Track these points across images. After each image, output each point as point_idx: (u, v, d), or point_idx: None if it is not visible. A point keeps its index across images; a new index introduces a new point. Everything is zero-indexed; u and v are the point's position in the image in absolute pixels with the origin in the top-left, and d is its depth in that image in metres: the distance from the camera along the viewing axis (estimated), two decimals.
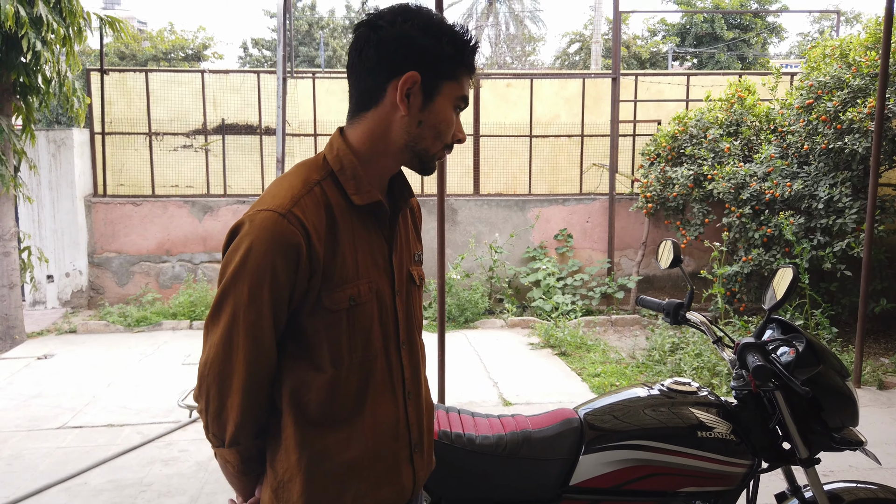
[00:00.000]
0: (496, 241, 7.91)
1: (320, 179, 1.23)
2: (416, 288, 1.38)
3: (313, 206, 1.18)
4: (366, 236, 1.26)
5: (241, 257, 1.15)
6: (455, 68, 1.24)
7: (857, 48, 6.21)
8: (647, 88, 8.78)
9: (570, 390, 5.10)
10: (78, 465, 3.75)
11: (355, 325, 1.22)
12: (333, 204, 1.21)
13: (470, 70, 1.27)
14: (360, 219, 1.25)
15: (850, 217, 5.74)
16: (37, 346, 6.31)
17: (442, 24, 1.23)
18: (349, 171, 1.24)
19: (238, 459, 1.27)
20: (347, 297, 1.21)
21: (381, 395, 1.27)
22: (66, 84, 6.03)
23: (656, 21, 20.66)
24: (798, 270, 2.00)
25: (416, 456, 1.34)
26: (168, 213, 7.86)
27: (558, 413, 1.98)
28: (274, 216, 1.14)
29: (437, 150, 1.28)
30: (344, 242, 1.21)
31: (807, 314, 5.88)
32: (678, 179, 7.19)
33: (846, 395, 1.95)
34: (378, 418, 1.27)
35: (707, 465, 1.89)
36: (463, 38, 1.24)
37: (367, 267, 1.25)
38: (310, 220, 1.16)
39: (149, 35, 20.76)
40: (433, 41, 1.21)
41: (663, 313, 2.28)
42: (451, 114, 1.26)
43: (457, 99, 1.26)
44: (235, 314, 1.17)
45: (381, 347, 1.27)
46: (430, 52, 1.20)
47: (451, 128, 1.27)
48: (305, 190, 1.19)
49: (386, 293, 1.28)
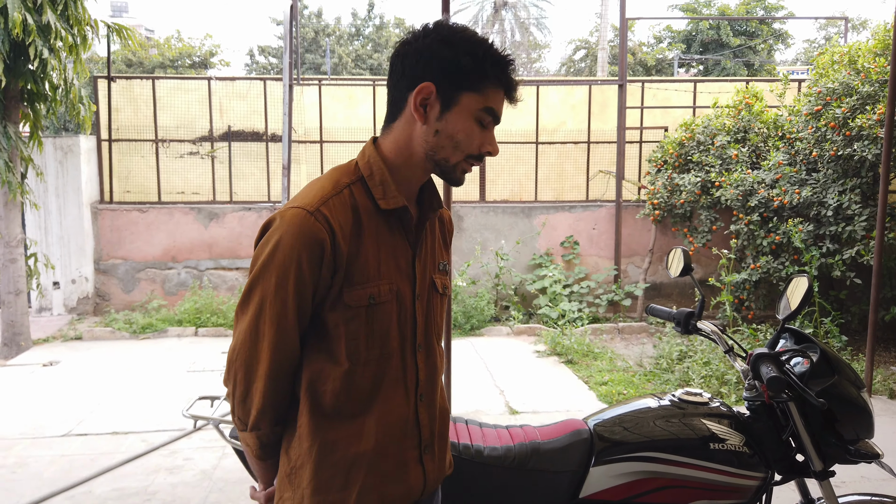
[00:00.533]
0: (502, 247, 7.88)
1: (350, 183, 1.30)
2: (439, 296, 1.42)
3: (340, 207, 1.25)
4: (390, 240, 1.31)
5: (271, 250, 1.22)
6: (476, 80, 1.27)
7: (866, 54, 6.18)
8: (654, 95, 8.76)
9: (577, 399, 5.06)
10: (82, 473, 3.73)
11: (373, 323, 1.28)
12: (360, 206, 1.28)
13: (500, 84, 1.29)
14: (386, 222, 1.31)
15: (860, 224, 5.69)
16: (42, 352, 6.31)
17: (464, 37, 1.27)
18: (378, 177, 1.31)
19: (257, 444, 1.33)
20: (367, 296, 1.27)
21: (393, 393, 1.32)
22: (72, 91, 6.05)
23: (662, 28, 20.66)
24: (812, 280, 1.97)
25: (427, 457, 1.38)
26: (174, 220, 7.86)
27: (567, 424, 1.95)
28: (302, 213, 1.22)
29: (458, 160, 1.30)
30: (368, 243, 1.27)
31: (816, 322, 5.83)
32: (685, 186, 7.15)
33: (861, 407, 1.91)
34: (387, 416, 1.31)
35: (719, 477, 1.86)
36: (483, 50, 1.27)
37: (389, 269, 1.30)
38: (336, 219, 1.23)
39: (156, 42, 20.89)
40: (451, 53, 1.25)
41: (674, 322, 2.25)
42: (470, 124, 1.28)
43: (479, 111, 1.28)
44: (262, 304, 1.24)
45: (397, 348, 1.32)
46: (447, 64, 1.25)
47: (471, 139, 1.29)
48: (335, 191, 1.27)
49: (406, 296, 1.33)
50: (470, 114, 1.28)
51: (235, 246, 7.91)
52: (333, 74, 21.42)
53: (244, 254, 7.90)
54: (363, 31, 25.52)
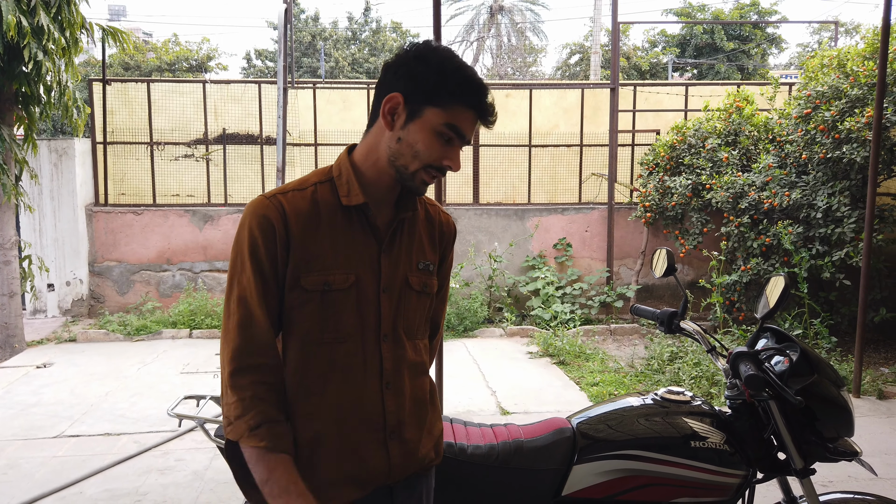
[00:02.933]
0: (495, 250, 7.92)
1: (318, 182, 1.43)
2: (415, 293, 1.48)
3: (299, 198, 1.38)
4: (349, 233, 1.41)
5: (237, 232, 1.39)
6: (442, 97, 1.34)
7: (855, 58, 6.23)
8: (646, 99, 8.81)
9: (569, 399, 5.08)
10: (74, 474, 3.74)
11: (328, 308, 1.38)
12: (321, 201, 1.40)
13: (467, 105, 1.36)
14: (348, 218, 1.41)
15: (849, 226, 5.74)
16: (36, 354, 6.31)
17: (440, 56, 1.35)
18: (345, 178, 1.42)
19: None
20: (322, 282, 1.37)
21: (350, 378, 1.40)
22: (66, 94, 6.07)
23: (656, 32, 20.75)
24: (789, 279, 2.00)
25: (393, 443, 1.44)
26: (169, 222, 7.88)
27: (551, 422, 1.97)
28: (261, 199, 1.38)
29: (416, 168, 1.37)
30: (325, 234, 1.38)
31: (806, 323, 5.87)
32: (677, 189, 7.19)
33: (841, 406, 1.94)
34: (343, 398, 1.40)
35: (701, 475, 1.88)
36: (453, 69, 1.34)
37: (350, 260, 1.40)
38: (291, 207, 1.36)
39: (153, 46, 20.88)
40: (423, 68, 1.34)
41: (657, 322, 2.28)
42: (431, 137, 1.35)
43: (442, 126, 1.35)
44: (232, 281, 1.37)
45: (353, 334, 1.40)
46: (418, 77, 1.34)
47: (430, 150, 1.36)
48: (299, 187, 1.41)
49: (369, 287, 1.41)
50: (432, 127, 1.35)
51: (230, 248, 7.87)
52: (330, 78, 21.44)
53: None
54: (360, 35, 25.56)
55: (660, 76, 19.60)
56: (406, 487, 1.50)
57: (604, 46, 19.87)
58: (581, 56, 23.76)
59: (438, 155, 1.37)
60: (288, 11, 8.03)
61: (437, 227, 1.57)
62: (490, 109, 1.39)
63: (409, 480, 1.50)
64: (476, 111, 1.37)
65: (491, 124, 1.41)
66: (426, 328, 1.57)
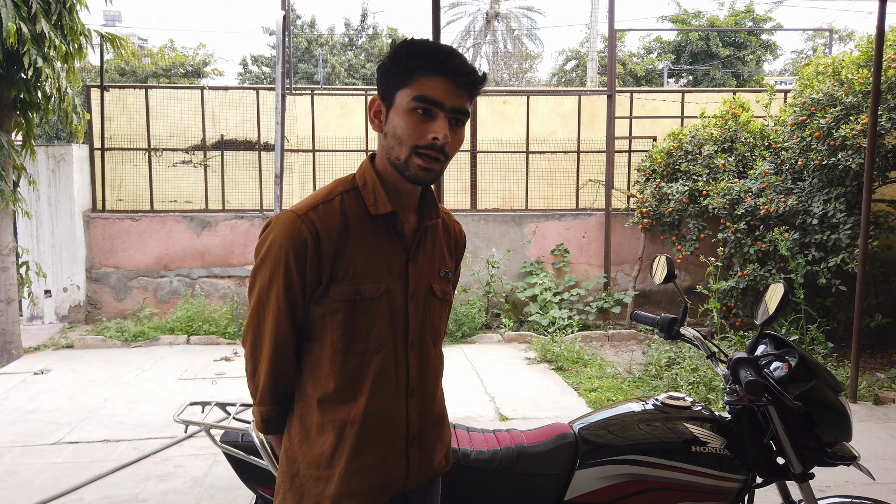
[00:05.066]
0: (493, 255, 7.94)
1: (344, 191, 1.43)
2: (438, 300, 1.51)
3: (329, 212, 1.38)
4: (378, 242, 1.42)
5: (267, 247, 1.38)
6: (404, 76, 1.34)
7: (850, 66, 6.29)
8: (643, 105, 8.86)
9: (567, 405, 5.10)
10: (73, 480, 3.74)
11: (358, 318, 1.39)
12: (350, 212, 1.40)
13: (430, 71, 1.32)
14: (376, 227, 1.42)
15: (845, 232, 5.78)
16: (33, 361, 6.30)
17: (398, 45, 1.36)
18: (370, 186, 1.42)
19: (260, 418, 1.48)
20: (354, 292, 1.38)
21: (383, 386, 1.42)
22: (66, 100, 6.07)
23: (652, 39, 20.85)
24: (788, 286, 2.02)
25: (413, 451, 1.47)
26: (166, 229, 7.88)
27: (553, 428, 1.99)
28: (292, 216, 1.37)
29: (406, 154, 1.35)
30: (355, 244, 1.39)
31: (802, 329, 5.90)
32: (673, 195, 7.23)
33: (839, 411, 1.96)
34: (375, 406, 1.41)
35: (701, 480, 1.90)
36: (408, 47, 1.35)
37: (379, 269, 1.41)
38: (322, 223, 1.36)
39: (149, 52, 20.89)
40: (385, 61, 1.37)
41: (657, 328, 2.30)
42: (408, 118, 1.34)
43: (412, 102, 1.33)
44: (260, 294, 1.40)
45: (387, 343, 1.42)
46: (384, 70, 1.37)
47: (409, 130, 1.34)
48: (327, 198, 1.41)
49: (398, 296, 1.43)
50: (405, 108, 1.34)
51: (228, 254, 7.92)
52: (327, 84, 21.48)
53: (236, 262, 7.92)
54: (356, 41, 25.62)
55: (655, 82, 19.69)
56: (419, 494, 1.52)
57: (600, 53, 19.97)
58: (577, 62, 23.86)
59: (420, 131, 1.34)
60: (286, 19, 8.06)
61: (453, 236, 1.61)
62: (459, 68, 1.33)
63: (422, 487, 1.53)
64: (443, 74, 1.33)
65: (464, 84, 1.35)
66: (444, 335, 1.60)
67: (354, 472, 1.40)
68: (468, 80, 1.35)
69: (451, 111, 1.34)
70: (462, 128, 1.40)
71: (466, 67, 1.35)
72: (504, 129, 8.62)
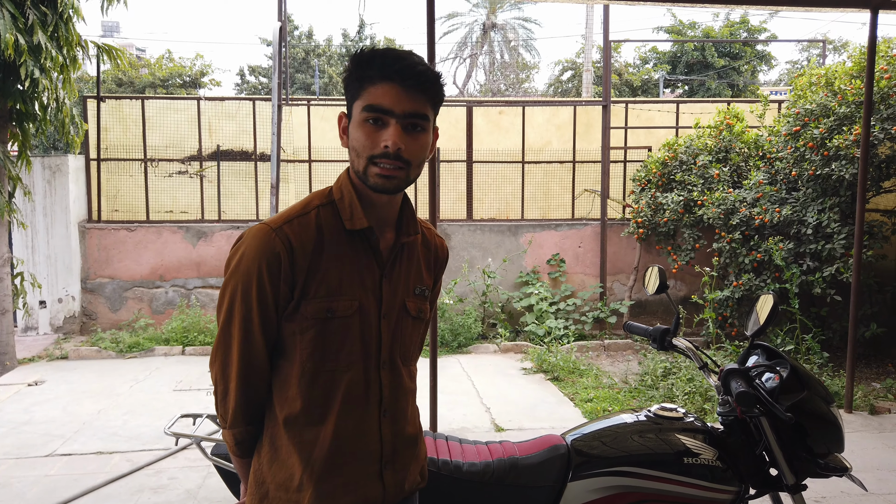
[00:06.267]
0: (489, 265, 7.94)
1: (320, 205, 1.39)
2: (410, 319, 1.46)
3: (304, 226, 1.34)
4: (354, 258, 1.38)
5: (237, 260, 1.34)
6: (356, 87, 1.32)
7: (843, 77, 6.33)
8: (638, 115, 8.90)
9: (563, 416, 5.08)
10: (65, 493, 3.71)
11: (329, 336, 1.34)
12: (325, 227, 1.36)
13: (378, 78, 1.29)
14: (352, 242, 1.38)
15: (839, 242, 5.80)
16: (28, 372, 6.27)
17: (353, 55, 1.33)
18: (347, 200, 1.38)
19: (233, 441, 1.42)
20: (325, 309, 1.34)
21: (353, 406, 1.37)
22: (63, 111, 6.08)
23: (648, 49, 20.96)
24: (778, 297, 2.03)
25: (387, 472, 1.42)
26: (162, 239, 7.87)
27: (545, 439, 1.99)
28: (265, 228, 1.33)
29: (363, 166, 1.32)
30: (329, 260, 1.35)
31: (798, 339, 5.91)
32: (669, 205, 7.25)
33: (831, 422, 1.96)
34: (345, 427, 1.36)
35: (694, 491, 1.90)
36: (357, 58, 1.32)
37: (353, 286, 1.36)
38: (297, 237, 1.32)
39: (147, 62, 20.93)
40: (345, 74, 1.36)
41: (650, 339, 2.30)
42: (360, 129, 1.32)
43: (363, 113, 1.31)
44: (231, 310, 1.34)
45: (357, 362, 1.37)
46: (345, 85, 1.36)
47: (362, 141, 1.31)
48: (303, 212, 1.37)
49: (371, 313, 1.38)
50: (359, 120, 1.32)
51: (223, 265, 7.89)
52: (324, 94, 21.54)
53: None
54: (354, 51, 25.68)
55: (651, 92, 19.79)
56: None
57: (595, 63, 20.07)
58: (573, 73, 23.98)
59: (372, 141, 1.30)
60: (283, 29, 8.09)
61: (433, 252, 1.56)
62: (406, 71, 1.28)
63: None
64: (391, 80, 1.29)
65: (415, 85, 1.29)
66: (419, 354, 1.54)
67: (325, 494, 1.35)
68: (417, 81, 1.29)
69: (403, 116, 1.30)
70: (424, 133, 1.34)
71: (415, 69, 1.29)
72: (500, 139, 8.65)
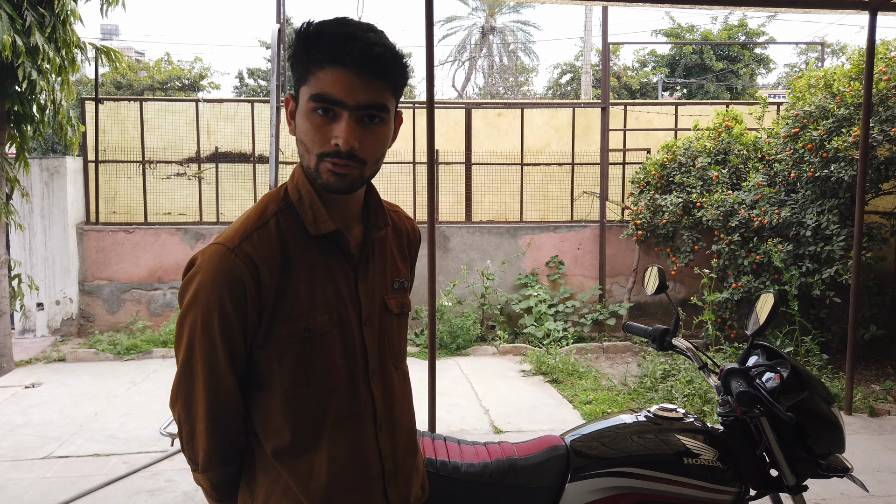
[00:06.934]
0: (488, 268, 7.93)
1: (277, 211, 1.22)
2: (394, 317, 1.33)
3: (266, 240, 1.18)
4: (325, 266, 1.22)
5: (194, 289, 1.16)
6: (303, 71, 1.14)
7: (841, 79, 6.33)
8: (636, 118, 8.90)
9: (562, 417, 5.07)
10: (62, 495, 3.69)
11: (312, 356, 1.20)
12: (288, 236, 1.20)
13: (327, 62, 1.10)
14: (319, 248, 1.22)
15: (838, 244, 5.79)
16: (25, 374, 6.24)
17: (297, 30, 1.15)
18: (307, 202, 1.21)
19: (209, 485, 1.28)
20: (302, 329, 1.19)
21: (344, 427, 1.23)
22: (61, 113, 6.07)
23: (646, 52, 20.99)
24: (779, 296, 2.02)
25: (391, 489, 1.29)
26: (160, 241, 7.85)
27: (544, 440, 1.97)
28: (223, 250, 1.15)
29: (314, 163, 1.15)
30: (298, 274, 1.19)
31: (797, 341, 5.89)
32: (668, 207, 7.25)
33: (832, 422, 1.95)
34: (339, 451, 1.22)
35: (694, 492, 1.89)
36: (304, 34, 1.13)
37: (327, 297, 1.22)
38: (260, 255, 1.16)
39: (146, 65, 20.94)
40: (290, 52, 1.18)
41: (649, 339, 2.29)
42: (308, 121, 1.14)
43: (310, 102, 1.13)
44: (192, 344, 1.17)
45: (344, 377, 1.23)
46: (291, 65, 1.18)
47: (312, 135, 1.14)
48: (260, 223, 1.19)
49: (352, 323, 1.24)
50: (305, 110, 1.14)
51: None
52: None
53: None
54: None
55: (650, 95, 19.81)
56: None
57: (594, 66, 20.10)
58: (572, 75, 24.00)
59: (321, 136, 1.13)
60: (281, 31, 8.09)
61: (405, 237, 1.41)
62: (360, 55, 1.09)
63: None
64: (342, 65, 1.10)
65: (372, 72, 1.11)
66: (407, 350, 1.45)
67: None
68: (374, 67, 1.11)
69: (357, 108, 1.12)
70: (382, 126, 1.16)
71: (371, 52, 1.10)
72: (499, 141, 8.64)
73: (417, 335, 7.51)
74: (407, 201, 8.32)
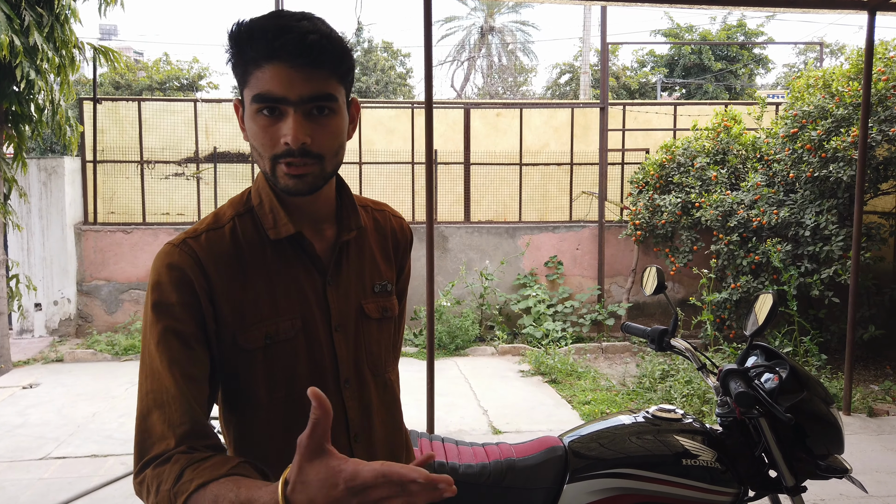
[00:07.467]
0: (487, 268, 7.92)
1: (236, 215, 1.19)
2: (373, 322, 1.27)
3: (216, 242, 1.14)
4: (286, 271, 1.18)
5: (148, 289, 1.14)
6: (242, 73, 1.10)
7: (840, 79, 6.33)
8: (635, 118, 8.90)
9: (561, 418, 5.06)
10: (59, 496, 3.68)
11: (275, 364, 1.15)
12: (246, 240, 1.17)
13: (263, 58, 1.05)
14: (281, 252, 1.18)
15: (837, 244, 5.79)
16: (22, 375, 6.23)
17: (229, 30, 1.11)
18: (267, 205, 1.18)
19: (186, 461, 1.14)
20: (263, 335, 1.14)
21: None
22: (59, 113, 6.06)
23: (645, 52, 21.00)
24: (778, 297, 2.01)
25: None
26: (158, 241, 7.84)
27: (543, 441, 1.97)
28: (168, 247, 1.13)
29: (268, 166, 1.11)
30: (256, 279, 1.15)
31: (796, 341, 5.89)
32: (666, 207, 7.25)
33: (831, 423, 1.94)
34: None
35: (692, 493, 1.88)
36: (232, 34, 1.08)
37: (291, 303, 1.17)
38: (206, 252, 1.13)
39: (144, 65, 20.92)
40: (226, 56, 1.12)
41: (648, 340, 2.28)
42: (254, 123, 1.09)
43: (252, 102, 1.08)
44: (147, 344, 1.12)
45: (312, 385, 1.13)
46: (230, 68, 1.12)
47: (261, 138, 1.09)
48: (214, 226, 1.17)
49: (320, 329, 1.19)
50: (252, 112, 1.09)
51: None
52: None
53: None
54: None
55: (649, 95, 19.82)
56: None
57: (593, 66, 20.11)
58: (571, 76, 24.01)
59: (270, 137, 1.08)
60: None
61: (391, 237, 1.34)
62: (293, 46, 1.03)
63: None
64: (277, 59, 1.04)
65: (309, 62, 1.05)
66: (394, 358, 1.35)
67: None
68: (310, 57, 1.05)
69: (301, 102, 1.06)
70: (334, 116, 1.11)
71: (305, 42, 1.04)
72: (497, 141, 8.64)
73: (416, 335, 7.50)
74: (406, 201, 8.32)
